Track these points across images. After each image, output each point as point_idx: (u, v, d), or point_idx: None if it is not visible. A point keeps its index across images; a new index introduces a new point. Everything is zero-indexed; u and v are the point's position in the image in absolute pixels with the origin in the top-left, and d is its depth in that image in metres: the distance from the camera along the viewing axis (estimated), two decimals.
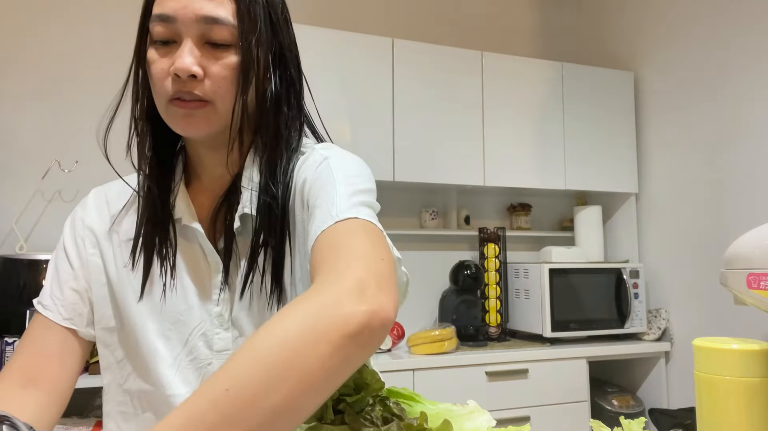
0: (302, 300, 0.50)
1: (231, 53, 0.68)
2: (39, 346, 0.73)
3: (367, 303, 0.49)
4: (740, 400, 0.72)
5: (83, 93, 2.45)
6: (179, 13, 0.66)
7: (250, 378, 0.44)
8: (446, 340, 2.41)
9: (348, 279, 0.51)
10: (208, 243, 0.73)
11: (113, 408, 0.76)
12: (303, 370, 0.45)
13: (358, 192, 0.66)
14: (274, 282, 0.70)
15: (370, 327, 0.48)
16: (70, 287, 0.75)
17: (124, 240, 0.76)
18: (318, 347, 0.46)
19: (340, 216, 0.60)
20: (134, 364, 0.73)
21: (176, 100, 0.67)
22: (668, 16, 2.84)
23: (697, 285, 2.62)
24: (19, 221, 2.31)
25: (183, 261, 0.74)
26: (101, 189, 0.82)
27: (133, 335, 0.73)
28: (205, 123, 0.69)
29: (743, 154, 2.44)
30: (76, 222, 0.79)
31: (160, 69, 0.68)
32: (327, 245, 0.58)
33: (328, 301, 0.49)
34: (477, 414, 0.61)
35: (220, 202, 0.74)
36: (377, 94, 2.54)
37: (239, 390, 0.44)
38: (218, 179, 0.76)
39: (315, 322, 0.47)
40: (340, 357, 0.47)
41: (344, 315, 0.47)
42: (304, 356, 0.45)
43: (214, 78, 0.67)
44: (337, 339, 0.46)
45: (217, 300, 0.72)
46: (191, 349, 0.72)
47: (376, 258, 0.55)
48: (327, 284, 0.51)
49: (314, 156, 0.73)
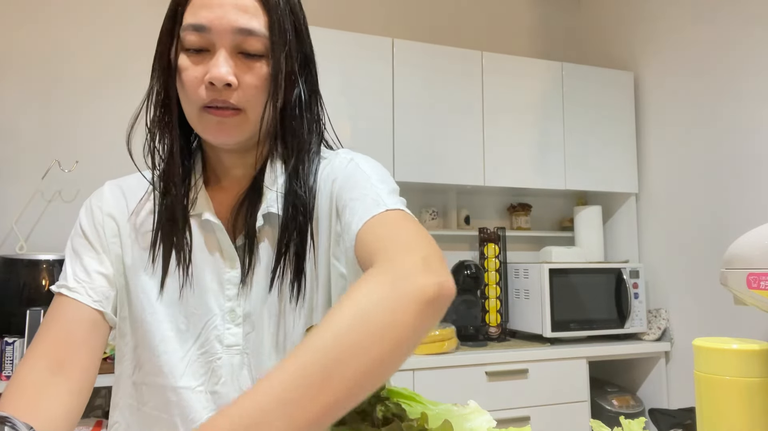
0: (376, 273, 0.55)
1: (262, 63, 0.70)
2: (67, 331, 0.71)
3: (437, 276, 0.54)
4: (740, 400, 0.72)
5: (83, 93, 2.45)
6: (214, 23, 0.67)
7: (353, 331, 0.49)
8: (446, 340, 2.41)
9: (416, 256, 0.56)
10: (227, 238, 0.74)
11: (121, 400, 0.76)
12: (397, 328, 0.50)
13: (393, 190, 0.71)
14: (296, 281, 0.72)
15: (442, 295, 0.54)
16: (96, 270, 0.74)
17: (141, 233, 0.77)
18: (407, 308, 0.51)
19: (389, 206, 0.65)
20: (145, 356, 0.74)
21: (209, 108, 0.69)
22: (668, 16, 2.84)
23: (697, 285, 2.62)
24: (19, 221, 2.31)
25: (201, 257, 0.75)
26: (115, 182, 0.82)
27: (145, 326, 0.74)
28: (237, 131, 0.71)
29: (743, 154, 2.44)
30: (94, 210, 0.78)
31: (193, 77, 0.69)
32: (381, 231, 0.63)
33: (404, 272, 0.54)
34: (477, 414, 0.61)
35: (241, 200, 0.75)
36: (377, 94, 2.54)
37: (345, 338, 0.48)
38: (238, 179, 0.78)
39: (400, 288, 0.52)
40: (420, 320, 0.52)
41: (420, 285, 0.53)
42: (397, 314, 0.51)
43: (246, 87, 0.69)
44: (418, 305, 0.52)
45: (231, 295, 0.73)
46: (203, 343, 0.73)
47: (431, 241, 0.61)
48: (397, 260, 0.56)
49: (339, 159, 0.76)
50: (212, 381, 0.72)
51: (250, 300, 0.73)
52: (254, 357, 0.73)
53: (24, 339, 1.91)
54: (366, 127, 2.51)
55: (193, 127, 0.72)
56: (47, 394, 0.67)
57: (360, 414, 0.57)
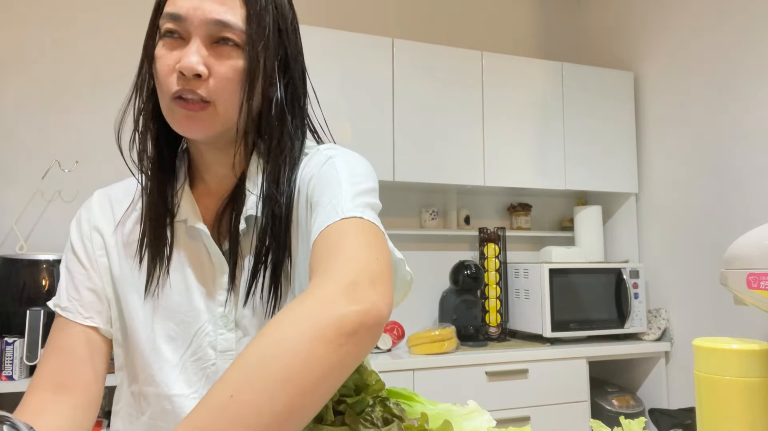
0: (298, 302, 0.51)
1: (237, 56, 0.68)
2: (66, 350, 0.73)
3: (360, 303, 0.50)
4: (740, 400, 0.72)
5: (83, 93, 2.45)
6: (190, 13, 0.67)
7: (252, 384, 0.45)
8: (446, 340, 2.41)
9: (341, 280, 0.52)
10: (213, 244, 0.73)
11: (121, 408, 0.76)
12: (303, 372, 0.46)
13: (362, 192, 0.67)
14: (277, 284, 0.71)
15: (365, 325, 0.50)
16: (85, 287, 0.76)
17: (128, 243, 0.77)
18: (316, 348, 0.47)
19: (345, 215, 0.62)
20: (138, 365, 0.74)
21: (179, 99, 0.68)
22: (668, 16, 2.84)
23: (697, 285, 2.62)
24: (19, 221, 2.31)
25: (188, 262, 0.75)
26: (104, 191, 0.82)
27: (137, 335, 0.74)
28: (206, 125, 0.69)
29: (743, 154, 2.44)
30: (82, 224, 0.79)
31: (165, 65, 0.68)
32: (325, 244, 0.60)
33: (323, 302, 0.50)
34: (477, 414, 0.61)
35: (225, 203, 0.75)
36: (377, 94, 2.54)
37: (243, 395, 0.45)
38: (222, 180, 0.77)
39: (311, 324, 0.48)
40: (337, 356, 0.48)
41: (339, 316, 0.49)
42: (302, 358, 0.47)
43: (218, 78, 0.68)
44: (333, 339, 0.48)
45: (222, 301, 0.73)
46: (195, 350, 0.73)
47: (370, 258, 0.57)
48: (321, 285, 0.53)
49: (318, 156, 0.74)
50: (206, 387, 0.72)
51: (240, 305, 0.73)
52: None
53: (24, 339, 1.91)
54: (366, 127, 2.51)
55: (166, 118, 0.71)
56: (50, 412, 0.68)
57: (360, 415, 0.57)
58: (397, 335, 2.54)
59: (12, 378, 1.90)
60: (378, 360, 2.31)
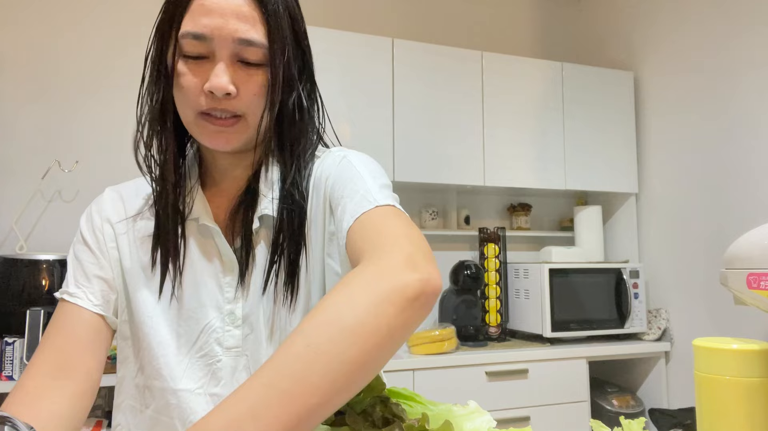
0: (362, 270, 0.55)
1: (262, 71, 0.70)
2: (69, 336, 0.72)
3: (420, 272, 0.55)
4: (740, 400, 0.72)
5: (83, 93, 2.45)
6: (215, 33, 0.67)
7: (327, 335, 0.49)
8: (446, 340, 2.41)
9: (400, 253, 0.56)
10: (225, 242, 0.75)
11: (123, 402, 0.77)
12: (373, 329, 0.50)
13: (384, 185, 0.71)
14: (293, 281, 0.73)
15: (425, 292, 0.54)
16: (96, 275, 0.76)
17: (139, 238, 0.77)
18: (385, 309, 0.51)
19: (378, 203, 0.65)
20: (144, 359, 0.74)
21: (207, 116, 0.69)
22: (668, 16, 2.84)
23: (697, 285, 2.62)
24: (19, 221, 2.31)
25: (198, 260, 0.75)
26: (115, 188, 0.83)
27: (145, 329, 0.74)
28: (237, 137, 0.71)
29: (743, 154, 2.44)
30: (93, 216, 0.80)
31: (192, 83, 0.68)
32: (369, 227, 0.63)
33: (387, 270, 0.54)
34: (477, 414, 0.61)
35: (238, 202, 0.76)
36: (377, 94, 2.54)
37: (318, 346, 0.48)
38: (235, 180, 0.78)
39: (379, 288, 0.52)
40: (402, 318, 0.52)
41: (403, 282, 0.53)
42: (373, 316, 0.51)
43: (245, 95, 0.69)
44: (399, 302, 0.52)
45: (231, 298, 0.74)
46: (202, 346, 0.73)
47: (417, 237, 0.61)
48: (382, 257, 0.57)
49: (332, 156, 0.76)
50: (212, 383, 0.73)
51: (248, 302, 0.74)
52: (253, 359, 0.73)
53: (24, 339, 1.91)
54: (366, 127, 2.51)
55: (190, 131, 0.72)
56: (49, 397, 0.68)
57: (361, 415, 0.57)
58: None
59: (12, 378, 1.90)
60: None
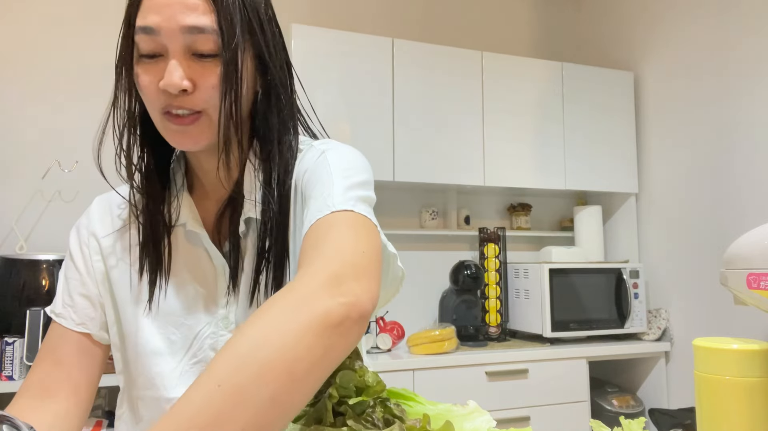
0: (283, 294, 0.52)
1: (217, 62, 0.67)
2: (55, 355, 0.73)
3: (344, 296, 0.51)
4: (740, 400, 0.72)
5: (83, 93, 2.45)
6: (162, 25, 0.65)
7: (239, 373, 0.45)
8: (446, 340, 2.41)
9: (325, 273, 0.53)
10: (213, 247, 0.74)
11: (123, 413, 0.77)
12: (289, 361, 0.47)
13: (355, 185, 0.68)
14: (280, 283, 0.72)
15: (350, 318, 0.51)
16: (79, 293, 0.76)
17: (127, 247, 0.77)
18: (302, 339, 0.48)
19: (335, 208, 0.63)
20: (137, 370, 0.74)
21: (168, 115, 0.67)
22: (668, 16, 2.84)
23: (697, 285, 2.62)
24: (19, 221, 2.31)
25: (187, 266, 0.75)
26: (105, 197, 0.82)
27: (135, 340, 0.74)
28: (201, 135, 0.69)
29: (743, 154, 2.44)
30: (81, 230, 0.79)
31: (149, 82, 0.67)
32: (313, 237, 0.61)
33: (309, 294, 0.51)
34: (477, 414, 0.61)
35: (224, 206, 0.75)
36: (377, 94, 2.54)
37: (230, 386, 0.45)
38: (220, 182, 0.76)
39: (298, 315, 0.49)
40: (323, 347, 0.49)
41: (324, 308, 0.50)
42: (289, 347, 0.47)
43: (204, 89, 0.67)
44: (318, 331, 0.49)
45: (223, 303, 0.73)
46: (196, 352, 0.73)
47: (357, 251, 0.57)
48: (305, 278, 0.53)
49: (312, 151, 0.74)
50: None
51: (241, 306, 0.73)
52: None
53: (24, 339, 1.91)
54: (366, 127, 2.51)
55: (160, 132, 0.70)
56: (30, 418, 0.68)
57: (361, 416, 0.57)
58: (397, 335, 2.54)
59: (12, 378, 1.90)
60: (378, 360, 2.32)
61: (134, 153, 0.73)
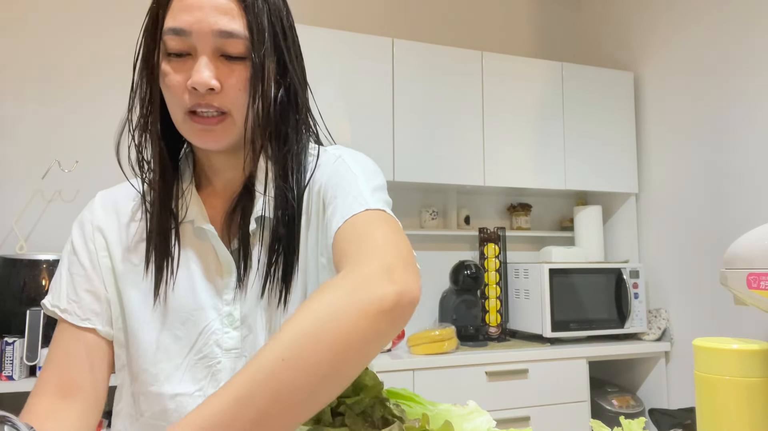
0: (338, 280, 0.55)
1: (245, 65, 0.69)
2: (67, 353, 0.74)
3: (396, 284, 0.54)
4: (740, 400, 0.72)
5: (83, 93, 2.45)
6: (194, 27, 0.66)
7: (301, 348, 0.49)
8: (446, 340, 2.41)
9: (377, 263, 0.56)
10: (221, 244, 0.74)
11: (122, 409, 0.77)
12: (348, 342, 0.50)
13: (377, 187, 0.71)
14: (287, 282, 0.72)
15: (401, 304, 0.54)
16: (84, 289, 0.76)
17: (132, 244, 0.77)
18: (358, 322, 0.51)
19: (369, 206, 0.65)
20: (140, 366, 0.74)
21: (193, 114, 0.69)
22: (668, 16, 2.84)
23: (697, 285, 2.62)
24: (19, 221, 2.31)
25: (195, 262, 0.75)
26: (108, 192, 0.82)
27: (140, 335, 0.74)
28: (224, 135, 0.71)
29: (743, 154, 2.44)
30: (85, 225, 0.79)
31: (176, 82, 0.68)
32: (354, 232, 0.63)
33: (363, 282, 0.54)
34: (477, 414, 0.61)
35: (234, 204, 0.75)
36: (377, 94, 2.54)
37: (294, 360, 0.49)
38: (230, 182, 0.77)
39: (353, 300, 0.52)
40: (376, 330, 0.52)
41: (378, 294, 0.53)
42: (346, 328, 0.51)
43: (230, 90, 0.68)
44: (373, 315, 0.52)
45: (229, 299, 0.74)
46: (200, 348, 0.73)
47: (400, 245, 0.61)
48: (359, 267, 0.56)
49: (327, 156, 0.77)
50: (212, 385, 0.72)
51: (246, 304, 0.73)
52: None
53: (24, 339, 1.91)
54: (366, 127, 2.51)
55: (180, 131, 0.72)
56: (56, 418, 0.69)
57: (360, 416, 0.57)
58: (397, 335, 2.54)
59: (12, 378, 1.90)
60: (378, 361, 2.32)
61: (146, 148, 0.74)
